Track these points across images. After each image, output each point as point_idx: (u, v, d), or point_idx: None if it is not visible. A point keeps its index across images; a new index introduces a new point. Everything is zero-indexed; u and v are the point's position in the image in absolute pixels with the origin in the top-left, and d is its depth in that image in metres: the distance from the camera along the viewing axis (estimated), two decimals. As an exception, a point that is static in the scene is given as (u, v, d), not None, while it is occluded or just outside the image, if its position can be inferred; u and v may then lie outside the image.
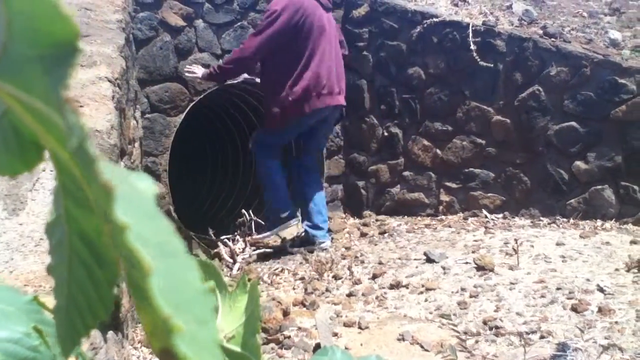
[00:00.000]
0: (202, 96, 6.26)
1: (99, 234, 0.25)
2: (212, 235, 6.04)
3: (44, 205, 1.95)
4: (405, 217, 6.62)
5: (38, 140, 0.25)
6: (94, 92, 2.77)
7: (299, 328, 3.68)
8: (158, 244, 0.24)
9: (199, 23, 6.20)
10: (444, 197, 6.42)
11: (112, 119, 2.60)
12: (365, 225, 6.47)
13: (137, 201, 0.25)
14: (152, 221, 0.25)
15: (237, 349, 0.56)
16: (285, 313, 3.79)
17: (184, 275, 0.24)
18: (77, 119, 0.22)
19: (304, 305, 4.14)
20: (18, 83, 0.22)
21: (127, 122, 3.51)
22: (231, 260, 5.57)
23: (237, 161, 9.28)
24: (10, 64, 0.23)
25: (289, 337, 3.53)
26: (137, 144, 4.60)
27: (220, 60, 6.10)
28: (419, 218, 6.48)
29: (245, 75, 6.50)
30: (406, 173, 6.71)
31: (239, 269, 5.35)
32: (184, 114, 6.14)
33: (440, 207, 6.44)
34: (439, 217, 6.36)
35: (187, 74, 5.80)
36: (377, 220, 6.64)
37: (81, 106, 2.59)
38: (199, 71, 5.70)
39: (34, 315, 0.44)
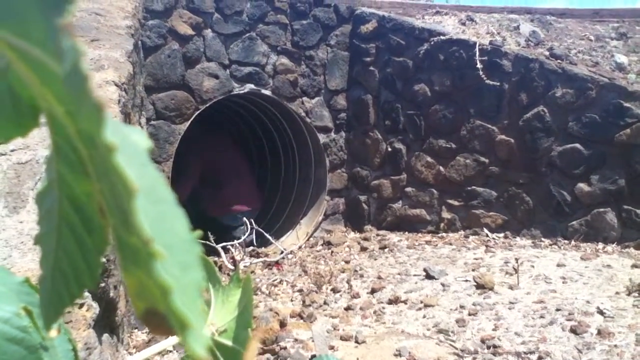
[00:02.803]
0: (207, 105, 6.29)
1: (90, 198, 0.25)
2: (213, 242, 6.03)
3: (45, 204, 1.95)
4: (406, 232, 6.60)
5: (34, 103, 0.25)
6: (100, 96, 2.78)
7: (296, 339, 3.65)
8: (147, 190, 0.24)
9: (208, 33, 6.25)
10: (446, 215, 6.40)
11: (116, 122, 2.62)
12: (365, 239, 6.45)
13: (129, 149, 0.25)
14: (143, 168, 0.24)
15: (229, 342, 0.55)
16: (282, 324, 3.77)
17: (170, 221, 0.24)
18: (72, 42, 0.22)
19: (302, 317, 4.11)
20: (16, 29, 0.22)
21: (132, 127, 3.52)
22: (232, 267, 5.55)
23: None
24: (8, 9, 0.23)
25: (285, 348, 3.50)
26: (141, 150, 4.62)
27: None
28: (419, 234, 6.47)
29: (252, 86, 6.54)
30: (408, 189, 6.71)
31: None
32: (189, 122, 6.16)
33: (442, 224, 6.43)
34: (440, 234, 6.34)
35: None
36: (377, 235, 6.62)
37: (87, 108, 2.60)
38: None
39: (24, 296, 0.44)
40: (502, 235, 5.90)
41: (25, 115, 0.25)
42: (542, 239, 5.65)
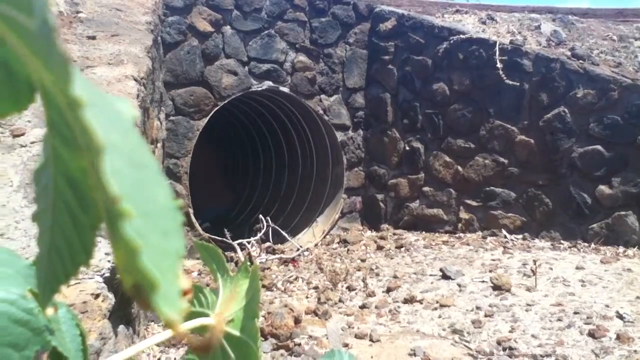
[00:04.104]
0: (226, 101, 6.31)
1: (83, 174, 0.24)
2: (229, 238, 6.06)
3: (62, 196, 1.97)
4: (423, 232, 6.56)
5: (30, 79, 0.24)
6: (119, 90, 2.81)
7: (310, 336, 3.65)
8: (128, 154, 0.23)
9: (227, 29, 6.27)
10: (464, 215, 6.35)
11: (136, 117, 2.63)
12: (382, 238, 6.42)
13: (113, 116, 0.24)
14: (126, 135, 0.24)
15: (236, 332, 0.55)
16: (297, 320, 3.77)
17: (151, 187, 0.24)
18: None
19: (316, 314, 4.11)
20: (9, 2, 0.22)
21: (150, 121, 3.55)
22: (248, 264, 5.57)
23: (257, 167, 9.33)
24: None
25: (300, 344, 3.50)
26: (159, 145, 4.65)
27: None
28: (436, 234, 6.42)
29: (270, 83, 6.56)
30: (426, 188, 6.66)
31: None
32: (208, 118, 6.19)
33: (459, 225, 6.37)
34: (457, 235, 6.29)
35: None
36: (394, 234, 6.59)
37: (105, 102, 2.63)
38: None
39: (31, 279, 0.44)
40: (520, 236, 5.84)
41: (22, 91, 0.25)
42: (562, 242, 5.57)
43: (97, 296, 1.51)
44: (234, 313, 0.56)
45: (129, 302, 2.25)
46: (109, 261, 1.68)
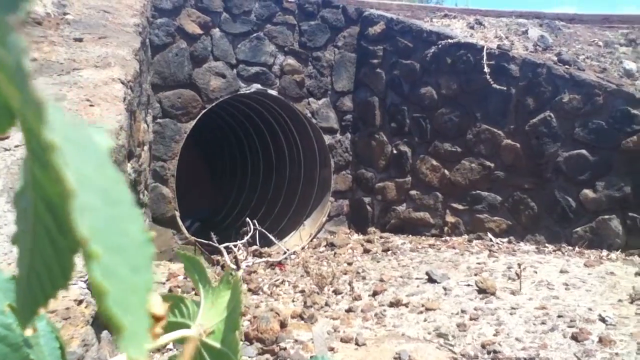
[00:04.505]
0: (214, 104, 6.30)
1: (62, 199, 0.25)
2: (216, 241, 6.04)
3: (47, 200, 1.96)
4: (410, 235, 6.59)
5: (9, 105, 0.25)
6: (105, 93, 2.80)
7: (296, 340, 3.66)
8: (104, 190, 0.24)
9: (216, 32, 6.26)
10: (450, 218, 6.39)
11: (122, 120, 2.63)
12: (369, 241, 6.44)
13: (89, 150, 0.25)
14: (102, 169, 0.25)
15: (217, 344, 0.55)
16: (283, 325, 3.77)
17: (125, 223, 0.24)
18: (16, 38, 0.22)
19: (302, 318, 4.11)
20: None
21: (137, 124, 3.53)
22: (234, 267, 5.56)
23: (245, 170, 9.32)
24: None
25: (285, 348, 3.51)
26: (146, 148, 4.63)
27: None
28: (423, 237, 6.45)
29: (258, 86, 6.55)
30: (413, 192, 6.70)
31: (240, 277, 5.32)
32: (195, 120, 6.18)
33: (445, 228, 6.41)
34: (443, 238, 6.32)
35: None
36: (381, 237, 6.61)
37: (92, 105, 2.62)
38: None
39: (10, 293, 0.44)
40: (506, 240, 5.89)
41: (1, 116, 0.26)
42: (546, 245, 5.63)
43: (80, 302, 1.51)
44: (215, 325, 0.57)
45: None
46: (93, 266, 1.68)
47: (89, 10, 3.94)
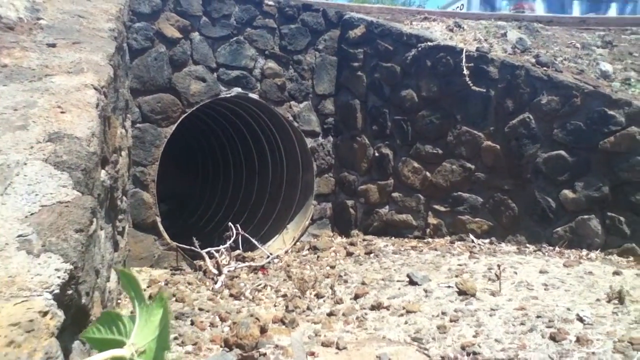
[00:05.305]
0: (194, 108, 6.27)
1: None
2: (198, 246, 6.01)
3: (14, 210, 1.93)
4: (393, 237, 6.60)
5: None
6: (77, 99, 2.77)
7: (276, 346, 3.63)
8: None
9: (195, 36, 6.23)
10: (432, 220, 6.41)
11: (93, 127, 2.60)
12: (352, 244, 6.44)
13: None
14: None
15: (148, 364, 0.54)
16: (263, 330, 3.75)
17: None
18: None
19: (284, 323, 4.10)
20: None
21: (112, 130, 3.50)
22: (216, 272, 5.53)
23: (228, 175, 9.28)
24: None
25: (265, 354, 3.48)
26: (124, 153, 4.59)
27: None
28: (405, 239, 6.47)
29: (239, 90, 6.53)
30: (395, 194, 6.71)
31: (222, 283, 5.29)
32: (176, 125, 6.14)
33: (428, 230, 6.43)
34: (425, 240, 6.34)
35: None
36: (364, 240, 6.62)
37: (63, 112, 2.59)
38: None
39: None
40: (487, 241, 5.92)
41: None
42: (527, 245, 5.67)
43: (45, 314, 1.48)
44: (147, 344, 0.55)
45: (87, 317, 2.21)
46: (58, 277, 1.65)
47: (64, 15, 3.90)
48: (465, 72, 5.92)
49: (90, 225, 2.08)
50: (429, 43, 6.30)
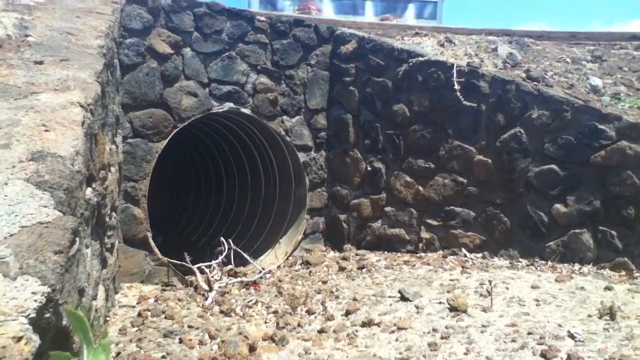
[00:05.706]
0: (186, 123, 6.26)
1: None
2: (189, 262, 5.97)
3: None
4: (385, 252, 6.58)
5: None
6: (63, 117, 2.75)
7: (265, 364, 3.59)
8: None
9: (187, 51, 6.24)
10: (425, 234, 6.40)
11: (78, 145, 2.58)
12: (344, 259, 6.41)
13: None
14: None
15: (92, 409, 0.52)
16: (252, 348, 3.71)
17: None
18: None
19: (273, 340, 4.05)
20: None
21: (100, 147, 3.48)
22: (207, 288, 5.48)
23: (220, 189, 9.26)
24: None
25: (253, 373, 3.45)
26: (114, 169, 4.56)
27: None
28: (398, 254, 6.44)
29: (231, 105, 6.53)
30: (388, 208, 6.70)
31: (213, 299, 5.24)
32: (167, 140, 6.12)
33: (420, 244, 6.41)
34: (418, 254, 6.32)
35: None
36: (357, 254, 6.59)
37: (47, 130, 2.57)
38: None
39: None
40: (480, 255, 5.90)
41: None
42: (520, 260, 5.65)
43: (19, 339, 1.45)
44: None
45: (68, 339, 2.18)
46: (35, 300, 1.62)
47: (52, 32, 3.89)
48: (457, 86, 5.93)
49: (71, 246, 2.05)
50: (420, 58, 6.33)
